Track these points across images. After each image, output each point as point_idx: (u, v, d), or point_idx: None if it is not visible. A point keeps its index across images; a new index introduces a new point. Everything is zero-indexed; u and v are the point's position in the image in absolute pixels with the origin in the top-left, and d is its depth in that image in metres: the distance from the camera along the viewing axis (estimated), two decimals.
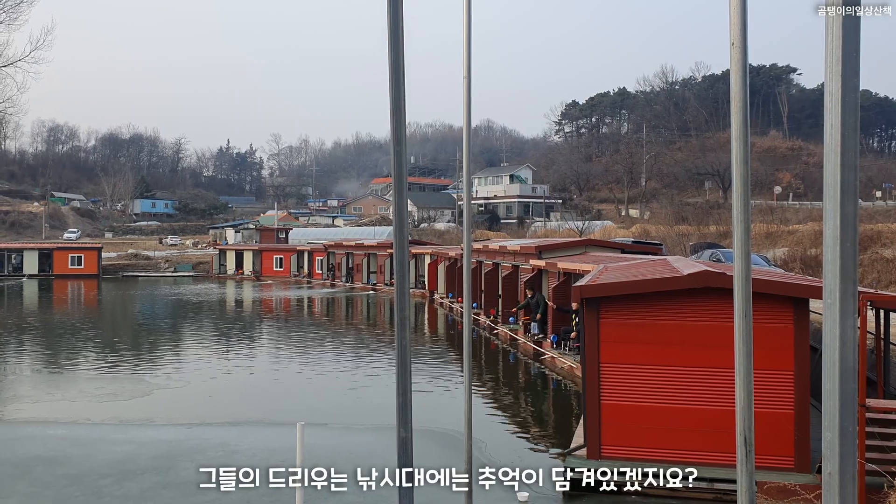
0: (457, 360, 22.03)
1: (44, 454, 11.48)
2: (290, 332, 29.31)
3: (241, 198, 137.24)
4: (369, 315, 36.33)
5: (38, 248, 63.89)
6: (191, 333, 29.33)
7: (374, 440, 13.04)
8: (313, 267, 57.07)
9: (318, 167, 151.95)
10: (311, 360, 21.52)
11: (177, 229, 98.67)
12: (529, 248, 25.20)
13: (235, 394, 17.27)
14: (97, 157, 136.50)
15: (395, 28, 3.16)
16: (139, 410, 15.09)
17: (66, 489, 9.84)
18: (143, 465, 10.90)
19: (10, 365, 21.78)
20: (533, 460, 12.04)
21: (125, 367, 20.60)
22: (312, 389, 17.58)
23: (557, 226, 70.63)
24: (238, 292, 48.78)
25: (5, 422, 14.23)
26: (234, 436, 12.97)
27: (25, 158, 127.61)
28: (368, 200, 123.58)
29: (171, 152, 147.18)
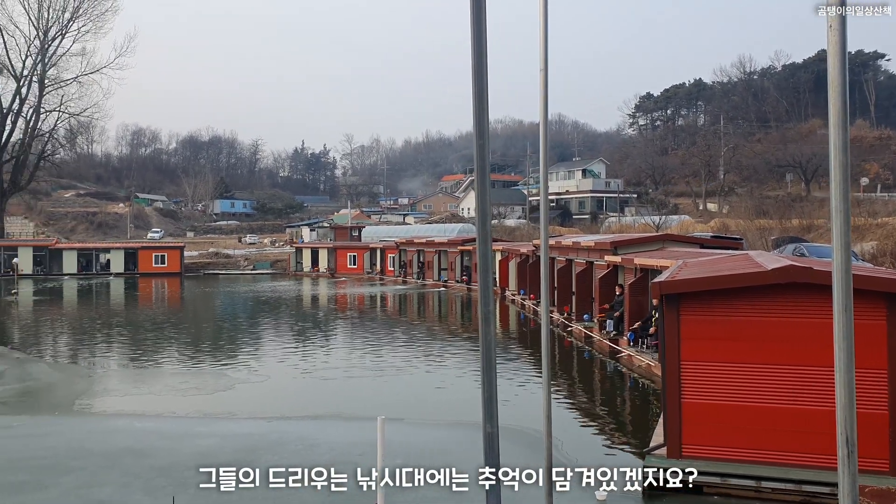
0: (529, 357, 21.90)
1: (133, 446, 11.93)
2: (364, 328, 29.69)
3: (315, 197, 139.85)
4: (441, 311, 36.49)
5: (124, 248, 66.56)
6: (269, 329, 30.04)
7: (450, 435, 13.07)
8: (385, 264, 57.73)
9: (388, 166, 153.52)
10: (385, 356, 21.75)
11: (255, 228, 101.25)
12: (604, 243, 24.82)
13: (313, 388, 17.59)
14: (178, 160, 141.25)
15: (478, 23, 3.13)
16: (222, 404, 15.53)
17: (153, 480, 10.18)
18: (227, 458, 11.18)
19: (100, 359, 22.77)
20: (610, 459, 11.85)
21: (207, 362, 21.26)
22: (387, 385, 17.75)
23: (632, 221, 69.39)
24: (314, 289, 49.72)
25: (97, 414, 14.85)
26: (313, 430, 13.20)
27: (111, 161, 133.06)
28: (438, 198, 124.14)
29: (248, 154, 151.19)
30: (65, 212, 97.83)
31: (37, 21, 68.76)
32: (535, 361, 20.85)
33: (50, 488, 9.83)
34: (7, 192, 70.59)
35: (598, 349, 21.87)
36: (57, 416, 14.61)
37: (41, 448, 11.80)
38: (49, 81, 70.56)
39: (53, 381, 18.58)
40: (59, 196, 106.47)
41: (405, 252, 54.84)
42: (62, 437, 12.65)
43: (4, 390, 17.15)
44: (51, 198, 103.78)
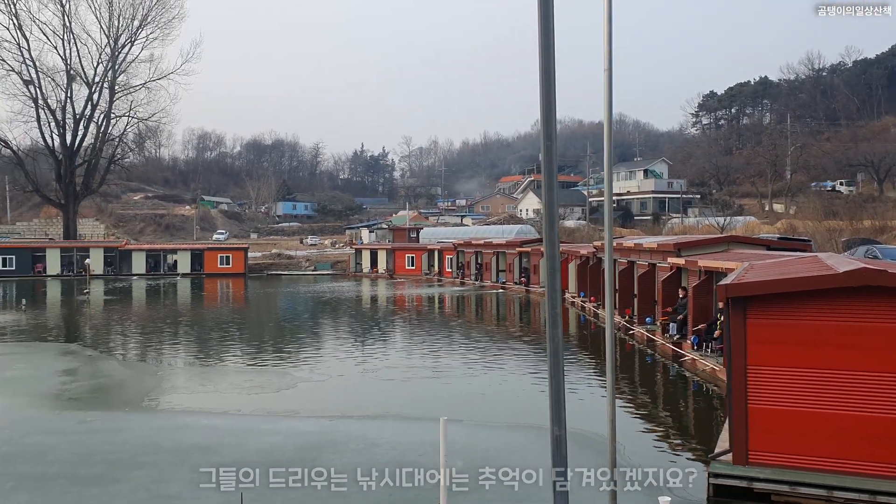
0: (590, 360, 21.67)
1: (200, 442, 12.25)
2: (422, 329, 29.84)
3: (374, 199, 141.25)
4: (499, 313, 36.41)
5: (190, 249, 68.37)
6: (330, 329, 30.46)
7: (510, 437, 13.04)
8: (443, 265, 57.92)
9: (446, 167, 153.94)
10: (443, 357, 21.81)
11: (316, 230, 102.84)
12: (667, 245, 24.40)
13: (373, 388, 17.75)
14: (242, 163, 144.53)
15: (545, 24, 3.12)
16: (285, 402, 15.82)
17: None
18: (290, 456, 11.39)
19: (167, 357, 23.44)
20: (674, 465, 11.64)
21: (270, 360, 21.68)
22: (445, 386, 17.79)
23: (696, 222, 68.08)
24: (373, 290, 50.21)
25: (166, 411, 15.29)
26: (374, 429, 13.33)
27: (178, 165, 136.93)
28: (496, 199, 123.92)
29: (309, 157, 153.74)
30: (134, 214, 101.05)
31: (107, 29, 71.32)
32: (595, 365, 20.63)
33: (122, 482, 10.16)
34: (79, 195, 73.28)
35: (660, 353, 21.52)
36: (128, 412, 15.09)
37: (114, 443, 12.22)
38: (119, 87, 73.06)
39: (124, 378, 19.22)
40: (128, 199, 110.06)
41: (463, 253, 54.92)
42: (133, 432, 13.07)
43: (78, 387, 17.81)
44: (120, 200, 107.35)
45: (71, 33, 70.58)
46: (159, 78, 73.27)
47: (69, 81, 71.71)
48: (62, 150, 71.21)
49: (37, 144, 73.02)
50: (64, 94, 71.82)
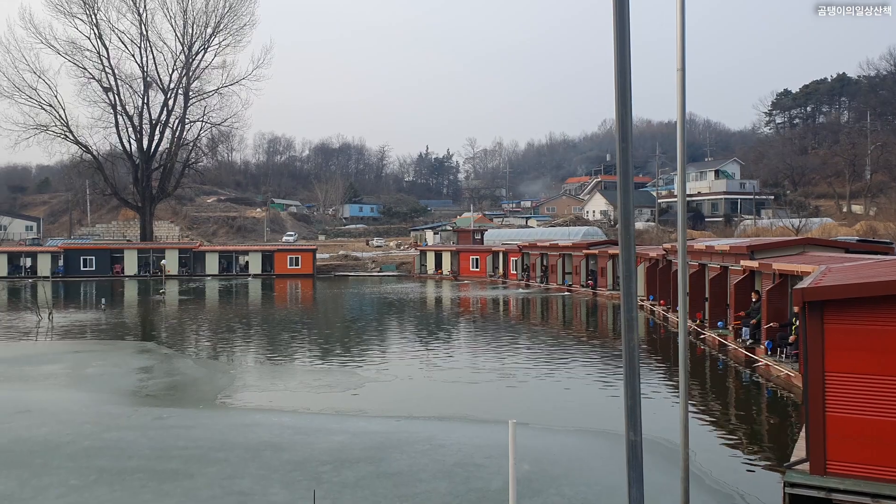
0: (659, 365, 21.27)
1: (270, 440, 12.50)
2: (487, 331, 29.80)
3: (438, 201, 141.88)
4: (565, 316, 36.07)
5: (261, 251, 69.96)
6: (395, 330, 30.72)
7: (577, 442, 12.90)
8: (508, 267, 57.72)
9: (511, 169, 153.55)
10: (508, 359, 21.72)
11: (381, 231, 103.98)
12: (740, 247, 23.75)
13: (438, 389, 17.82)
14: (311, 166, 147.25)
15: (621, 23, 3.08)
16: (352, 402, 16.02)
17: (290, 474, 10.63)
18: (358, 455, 11.53)
19: (238, 356, 24.03)
20: (747, 473, 11.33)
21: (338, 360, 21.99)
22: (511, 388, 17.72)
23: (769, 224, 66.13)
24: (437, 291, 50.41)
25: (238, 409, 15.66)
26: (440, 430, 13.38)
27: (249, 168, 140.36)
28: (562, 200, 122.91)
29: (375, 159, 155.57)
30: (207, 216, 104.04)
31: (182, 37, 73.66)
32: (665, 369, 20.24)
33: (197, 477, 10.46)
34: (156, 197, 75.86)
35: (732, 358, 20.96)
36: (202, 409, 15.52)
37: (188, 439, 12.58)
38: (193, 93, 75.37)
39: (198, 376, 19.78)
40: (202, 201, 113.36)
41: (528, 255, 54.63)
42: (207, 429, 13.43)
43: (154, 384, 18.43)
44: (194, 203, 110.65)
45: (147, 41, 73.25)
46: (231, 84, 75.35)
47: (146, 88, 74.41)
48: (139, 154, 73.84)
49: (115, 149, 75.95)
50: (141, 100, 74.61)
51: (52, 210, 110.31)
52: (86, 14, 70.18)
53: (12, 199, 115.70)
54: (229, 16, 74.06)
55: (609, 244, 47.97)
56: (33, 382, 18.32)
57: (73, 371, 19.96)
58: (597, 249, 45.40)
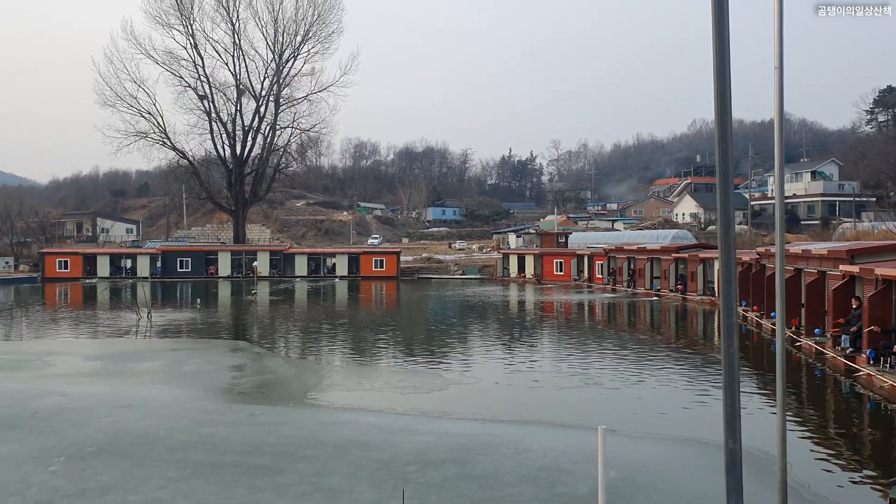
0: (753, 373, 20.53)
1: (357, 439, 12.71)
2: (571, 336, 29.46)
3: (521, 203, 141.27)
4: (653, 322, 35.29)
5: (347, 253, 71.31)
6: (478, 333, 30.74)
7: (667, 450, 12.60)
8: (594, 271, 56.88)
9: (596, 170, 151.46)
10: (593, 365, 21.41)
11: (464, 234, 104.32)
12: (839, 251, 22.71)
13: (522, 393, 17.73)
14: (395, 170, 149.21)
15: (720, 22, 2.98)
16: (437, 403, 16.12)
17: (377, 473, 10.77)
18: (443, 456, 11.59)
19: (326, 355, 24.55)
20: (848, 487, 10.80)
21: (422, 362, 22.17)
22: (597, 394, 17.46)
23: (871, 227, 62.94)
24: (521, 295, 50.18)
25: (326, 407, 16.00)
26: (524, 434, 13.30)
27: (336, 173, 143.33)
28: (650, 203, 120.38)
29: (458, 163, 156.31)
30: (296, 220, 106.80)
31: (273, 45, 75.88)
32: (758, 377, 19.54)
33: (287, 473, 10.73)
34: (248, 201, 78.39)
35: (830, 367, 20.05)
36: (291, 407, 15.93)
37: (279, 436, 12.93)
38: (283, 100, 77.53)
39: (287, 374, 20.32)
40: (291, 205, 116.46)
41: (614, 259, 53.71)
42: (296, 426, 13.77)
43: (247, 381, 19.03)
44: (284, 207, 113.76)
45: (240, 50, 75.79)
46: (320, 90, 77.11)
47: (238, 95, 76.98)
48: (232, 160, 76.48)
49: (210, 155, 78.90)
50: (234, 107, 77.22)
51: (150, 213, 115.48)
52: (182, 25, 73.30)
53: (114, 203, 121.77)
54: (318, 24, 75.90)
55: (699, 248, 46.67)
56: (134, 378, 19.21)
57: (171, 368, 20.82)
58: (686, 253, 44.23)
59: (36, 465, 11.10)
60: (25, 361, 21.66)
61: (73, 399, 16.04)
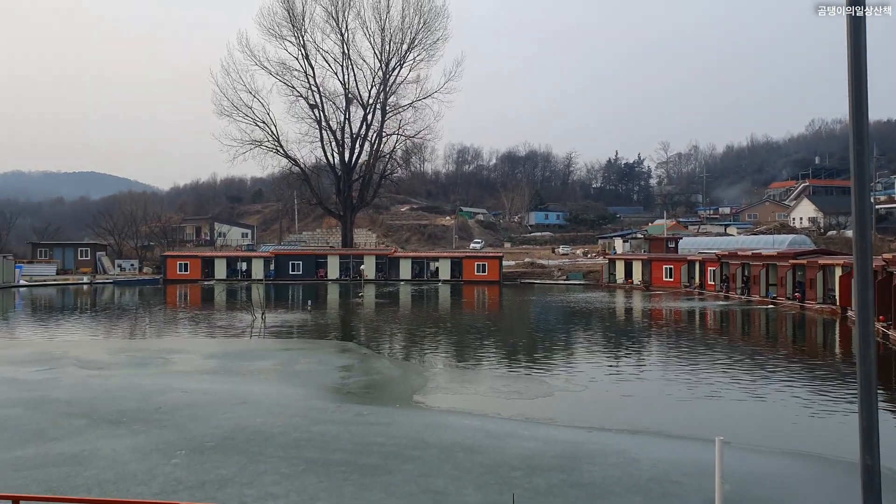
0: (880, 387, 19.28)
1: (462, 442, 12.75)
2: (680, 344, 28.57)
3: (628, 207, 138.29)
4: (769, 331, 33.76)
5: (450, 257, 71.90)
6: (583, 339, 30.28)
7: (783, 465, 12.01)
8: (705, 277, 55.01)
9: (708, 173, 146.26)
10: (702, 374, 20.67)
11: (567, 239, 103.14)
12: None
13: (629, 402, 17.34)
14: (497, 175, 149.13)
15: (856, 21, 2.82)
16: (542, 409, 15.98)
17: (482, 477, 10.77)
18: (549, 463, 11.46)
19: (430, 358, 24.78)
20: None
21: (525, 367, 22.04)
22: (708, 404, 16.85)
23: None
24: (628, 301, 49.10)
25: (431, 409, 16.15)
26: (633, 444, 12.99)
27: (439, 178, 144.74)
28: (765, 207, 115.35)
29: (562, 166, 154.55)
30: (400, 224, 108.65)
31: (380, 54, 77.58)
32: (884, 390, 18.35)
33: (395, 473, 10.89)
34: (355, 206, 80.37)
35: None
36: (398, 407, 16.17)
37: (387, 436, 13.14)
38: (389, 108, 79.13)
39: (394, 375, 20.65)
40: (396, 210, 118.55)
41: (728, 265, 51.74)
42: (403, 427, 13.95)
43: (355, 382, 19.46)
44: (389, 212, 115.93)
45: (349, 59, 77.87)
46: (425, 97, 78.20)
47: (347, 104, 79.16)
48: (341, 166, 78.65)
49: (320, 162, 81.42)
50: (343, 115, 79.44)
51: (264, 218, 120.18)
52: (294, 36, 76.02)
53: (230, 209, 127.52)
54: (423, 31, 77.05)
55: (819, 254, 44.35)
56: (249, 376, 20.00)
57: (283, 367, 21.55)
58: (805, 259, 42.09)
59: (160, 457, 11.72)
60: (149, 359, 22.94)
61: (193, 395, 16.85)
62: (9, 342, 28.68)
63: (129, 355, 23.78)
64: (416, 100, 78.30)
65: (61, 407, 15.48)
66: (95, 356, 23.34)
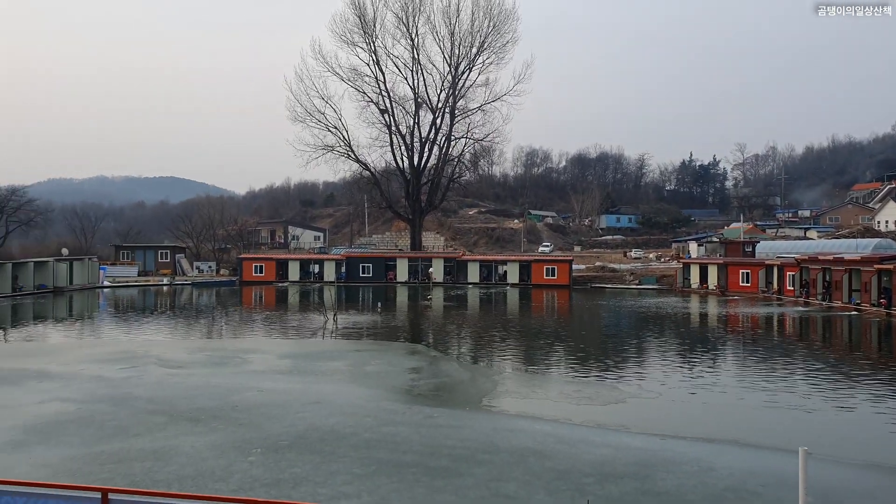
0: None
1: (533, 447, 12.66)
2: (757, 351, 27.71)
3: (703, 210, 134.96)
4: (851, 339, 32.43)
5: (518, 261, 71.50)
6: (656, 345, 29.67)
7: (870, 478, 11.52)
8: (784, 283, 53.19)
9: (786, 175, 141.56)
10: (782, 383, 19.98)
11: (640, 243, 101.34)
12: None
13: (704, 409, 16.93)
14: (567, 177, 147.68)
15: None
16: (614, 416, 15.74)
17: (553, 482, 10.67)
18: (622, 470, 11.28)
19: (498, 362, 24.70)
20: None
21: (597, 373, 21.74)
22: (785, 413, 16.28)
23: None
24: (702, 307, 47.92)
25: (501, 413, 16.10)
26: (708, 452, 12.67)
27: (507, 181, 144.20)
28: (847, 210, 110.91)
29: (634, 168, 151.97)
30: (468, 227, 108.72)
31: (449, 58, 77.82)
32: None
33: (465, 476, 10.89)
34: (424, 210, 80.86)
35: None
36: (467, 411, 16.18)
37: (457, 439, 13.16)
38: (458, 111, 79.24)
39: (462, 378, 20.69)
40: (464, 213, 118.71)
41: (808, 270, 49.90)
42: (473, 430, 13.95)
43: (424, 384, 19.56)
44: (457, 215, 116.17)
45: (418, 64, 78.38)
46: (493, 100, 78.02)
47: (416, 108, 79.65)
48: (410, 170, 79.25)
49: (390, 166, 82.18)
50: (412, 120, 79.96)
51: (335, 221, 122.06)
52: (365, 42, 76.99)
53: (303, 213, 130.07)
54: (493, 34, 76.90)
55: None
56: (321, 376, 20.35)
57: (354, 368, 21.85)
58: (891, 264, 40.25)
59: (237, 454, 12.03)
60: (226, 358, 23.59)
61: (268, 394, 17.25)
62: (94, 341, 29.94)
63: (207, 354, 24.51)
64: (485, 103, 78.29)
65: (143, 404, 16.07)
66: (175, 355, 24.15)
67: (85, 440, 13.02)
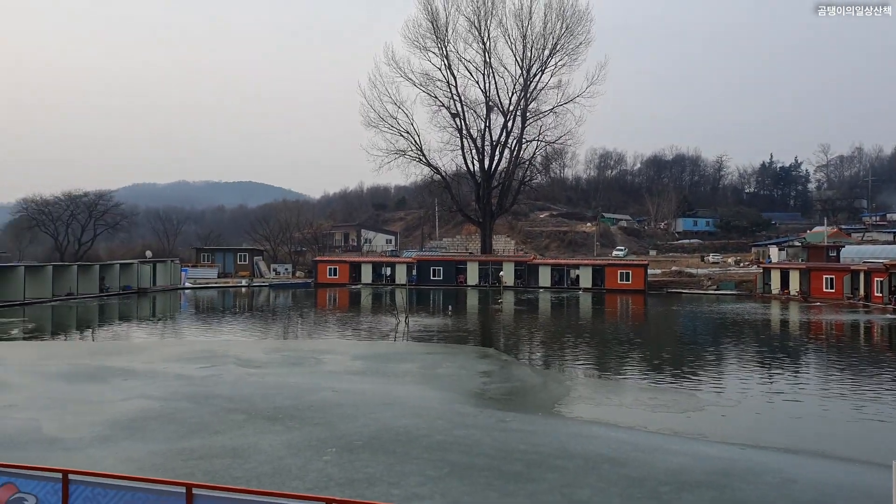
0: None
1: (608, 454, 12.49)
2: (843, 361, 26.61)
3: (784, 213, 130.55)
4: None
5: (591, 265, 70.61)
6: (735, 352, 28.83)
7: None
8: (871, 289, 50.95)
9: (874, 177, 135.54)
10: (869, 394, 19.13)
11: (718, 247, 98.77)
12: None
13: (785, 419, 16.35)
14: (642, 180, 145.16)
15: None
16: (691, 424, 15.37)
17: (628, 490, 10.50)
18: (699, 479, 11.01)
19: (570, 367, 24.43)
20: None
21: (673, 380, 21.28)
22: (872, 426, 15.58)
23: None
24: (783, 314, 46.32)
25: (575, 419, 15.93)
26: (790, 463, 12.24)
27: (580, 184, 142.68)
28: None
29: (711, 171, 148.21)
30: (539, 231, 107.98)
31: (521, 61, 77.58)
32: None
33: (538, 482, 10.83)
34: (494, 213, 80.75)
35: None
36: (540, 416, 16.07)
37: (529, 444, 13.09)
38: (530, 114, 78.91)
39: (534, 383, 20.57)
40: (535, 217, 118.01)
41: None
42: (546, 436, 13.85)
43: (496, 388, 19.52)
44: (528, 218, 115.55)
45: (490, 68, 78.43)
46: (566, 102, 77.40)
47: (488, 112, 79.68)
48: (481, 174, 79.28)
49: (460, 170, 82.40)
50: (483, 123, 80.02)
51: (406, 225, 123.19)
52: (437, 47, 77.51)
53: (376, 216, 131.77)
54: (566, 36, 76.35)
55: None
56: (393, 378, 20.55)
57: (426, 370, 21.98)
58: None
59: (313, 453, 12.27)
60: (303, 358, 24.09)
61: (342, 395, 17.53)
62: (176, 340, 31.02)
63: (284, 355, 25.08)
64: (557, 105, 77.75)
65: (223, 402, 16.56)
66: (253, 355, 24.80)
67: (168, 436, 13.50)
